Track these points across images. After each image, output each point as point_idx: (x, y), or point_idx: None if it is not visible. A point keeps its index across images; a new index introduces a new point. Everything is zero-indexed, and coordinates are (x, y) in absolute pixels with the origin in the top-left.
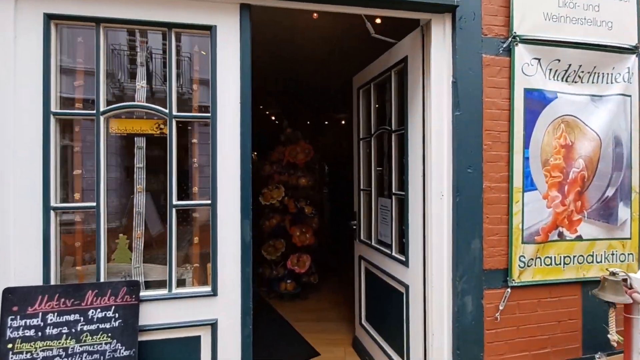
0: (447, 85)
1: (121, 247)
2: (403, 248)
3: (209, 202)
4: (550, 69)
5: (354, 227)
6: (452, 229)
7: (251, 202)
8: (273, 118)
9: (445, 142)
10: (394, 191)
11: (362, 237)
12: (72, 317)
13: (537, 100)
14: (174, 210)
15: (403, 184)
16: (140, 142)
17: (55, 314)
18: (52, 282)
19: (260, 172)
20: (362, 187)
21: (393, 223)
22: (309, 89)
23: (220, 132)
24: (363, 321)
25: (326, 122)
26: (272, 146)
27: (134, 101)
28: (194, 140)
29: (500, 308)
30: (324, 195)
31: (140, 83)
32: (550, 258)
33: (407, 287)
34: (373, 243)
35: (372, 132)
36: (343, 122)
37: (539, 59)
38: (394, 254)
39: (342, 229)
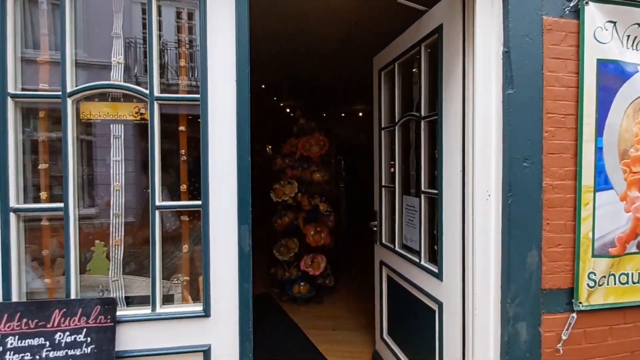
0: (496, 58)
1: (97, 256)
2: (435, 257)
3: (199, 203)
4: (629, 36)
5: (375, 228)
6: (502, 237)
7: (251, 203)
8: (288, 110)
9: (494, 129)
10: (423, 189)
11: (383, 240)
12: (35, 342)
13: (613, 75)
14: (157, 212)
15: (435, 180)
16: (117, 130)
17: (17, 337)
18: (14, 299)
19: (272, 166)
20: (383, 184)
21: (422, 226)
22: (324, 80)
23: (211, 117)
24: (385, 335)
25: (342, 115)
26: (285, 139)
27: (110, 80)
28: (182, 128)
29: (563, 338)
30: (340, 190)
31: (117, 58)
32: (627, 275)
33: (440, 305)
34: (397, 248)
35: (397, 120)
36: (360, 113)
37: (614, 23)
38: (423, 262)
39: (360, 226)
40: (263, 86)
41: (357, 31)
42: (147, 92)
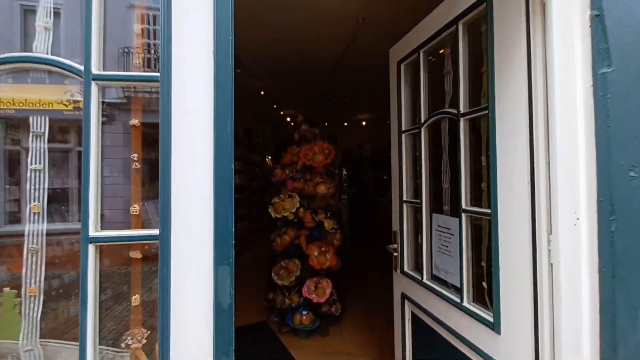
0: (580, 25)
1: (6, 311)
2: (483, 296)
3: (156, 232)
4: None
5: (395, 253)
6: (600, 280)
7: (233, 231)
8: (288, 120)
9: (581, 125)
10: (464, 206)
11: (405, 269)
12: None
13: None
14: (90, 247)
15: (482, 195)
16: (38, 125)
17: None
18: None
19: (271, 178)
20: (405, 198)
21: (463, 255)
22: (326, 87)
23: (177, 104)
24: None
25: (345, 124)
26: (286, 148)
27: (32, 52)
28: (134, 123)
29: None
30: (342, 202)
31: (42, 21)
32: None
33: None
34: (425, 280)
35: (422, 121)
36: (364, 122)
37: None
38: (466, 304)
39: (367, 243)
40: (262, 92)
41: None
42: (82, 68)
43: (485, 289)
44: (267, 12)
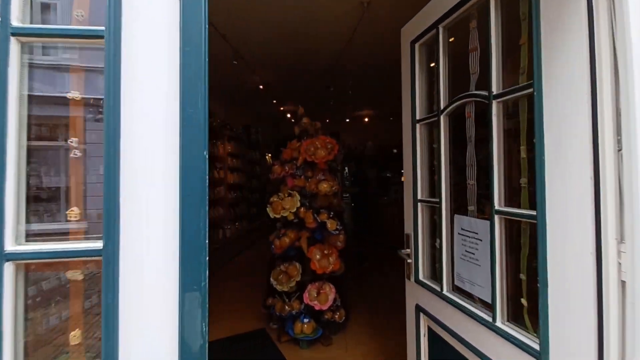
0: None
1: None
2: (520, 315)
3: (98, 246)
4: None
5: (409, 260)
6: None
7: (206, 245)
8: (289, 116)
9: None
10: (497, 207)
11: (420, 277)
12: None
13: None
14: (8, 266)
15: (515, 194)
16: None
17: None
18: None
19: (269, 175)
20: (420, 197)
21: (497, 265)
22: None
23: (128, 69)
24: None
25: (347, 120)
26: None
27: None
28: (73, 96)
29: None
30: (344, 201)
31: None
32: None
33: None
34: (445, 291)
35: (442, 108)
36: (366, 119)
37: None
38: (499, 323)
39: (367, 243)
40: (261, 87)
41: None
42: None
43: (525, 307)
44: None
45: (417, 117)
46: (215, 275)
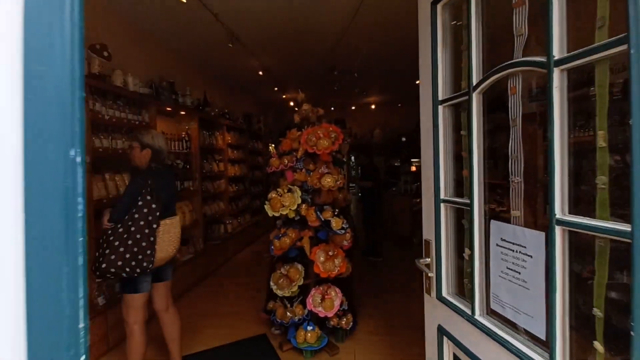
0: None
1: None
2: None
3: None
4: None
5: (430, 274)
6: None
7: (86, 306)
8: (292, 104)
9: None
10: (559, 216)
11: (443, 293)
12: None
13: None
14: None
15: (594, 198)
16: None
17: None
18: None
19: (266, 169)
20: (443, 197)
21: (557, 292)
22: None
23: None
24: None
25: (353, 107)
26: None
27: None
28: None
29: None
30: (350, 194)
31: None
32: None
33: None
34: (478, 316)
35: (475, 84)
36: (373, 106)
37: None
38: None
39: (379, 237)
40: (261, 72)
41: None
42: None
43: (601, 353)
44: None
45: (440, 97)
46: (215, 274)
